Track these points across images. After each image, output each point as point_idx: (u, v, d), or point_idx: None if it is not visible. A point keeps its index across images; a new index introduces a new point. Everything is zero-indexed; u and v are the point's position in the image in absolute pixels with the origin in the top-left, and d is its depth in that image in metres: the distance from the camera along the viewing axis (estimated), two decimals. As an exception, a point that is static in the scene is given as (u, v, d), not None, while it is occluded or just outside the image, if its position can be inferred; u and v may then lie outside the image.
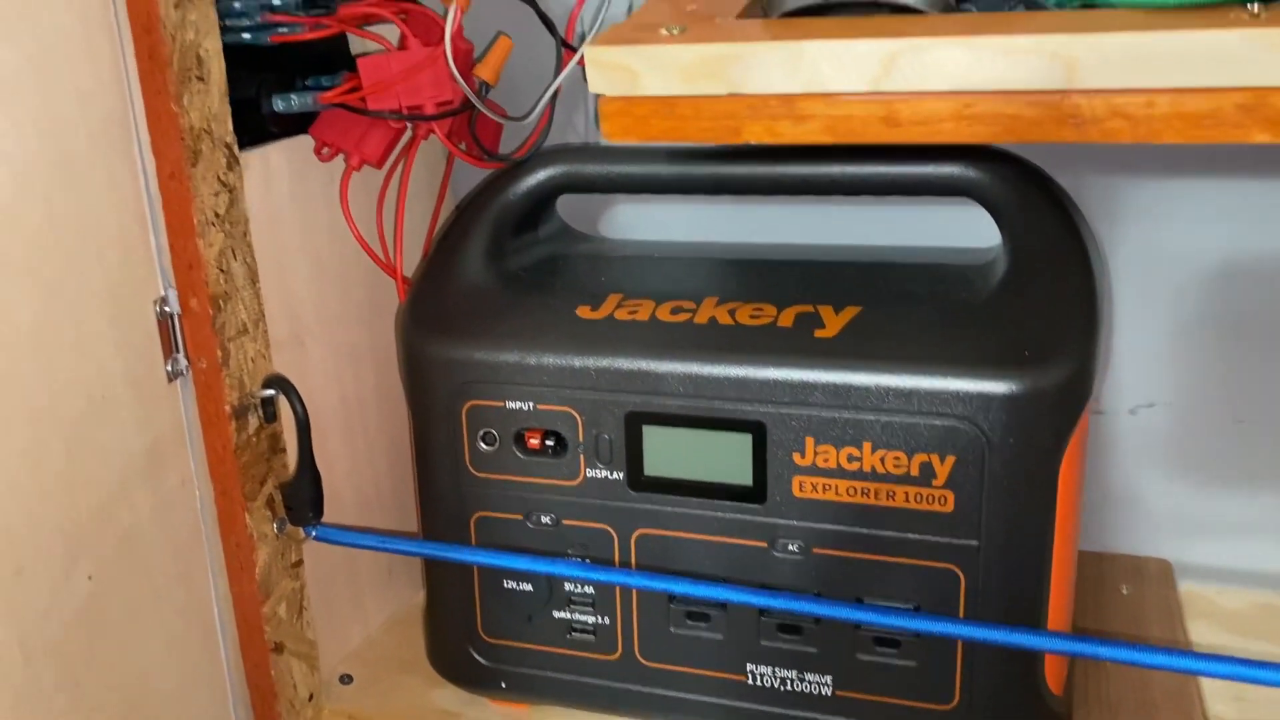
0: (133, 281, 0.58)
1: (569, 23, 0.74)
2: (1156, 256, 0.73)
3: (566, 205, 0.77)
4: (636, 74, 0.52)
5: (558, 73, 0.72)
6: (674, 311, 0.60)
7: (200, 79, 0.58)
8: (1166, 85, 0.45)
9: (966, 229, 0.67)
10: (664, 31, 0.53)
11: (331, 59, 0.69)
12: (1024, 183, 0.60)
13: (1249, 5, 0.45)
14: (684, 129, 0.53)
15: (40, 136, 0.52)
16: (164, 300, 0.59)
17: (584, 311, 0.62)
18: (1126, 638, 0.70)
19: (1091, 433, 0.75)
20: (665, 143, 0.66)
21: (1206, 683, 0.67)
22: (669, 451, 0.59)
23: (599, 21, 0.74)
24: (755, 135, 0.52)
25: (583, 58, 0.71)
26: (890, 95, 0.49)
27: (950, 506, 0.55)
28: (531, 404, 0.61)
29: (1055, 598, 0.56)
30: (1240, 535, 0.78)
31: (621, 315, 0.61)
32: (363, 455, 0.75)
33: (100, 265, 0.56)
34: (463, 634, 0.68)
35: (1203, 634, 0.73)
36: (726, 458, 0.57)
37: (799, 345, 0.56)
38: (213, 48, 0.59)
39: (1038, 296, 0.56)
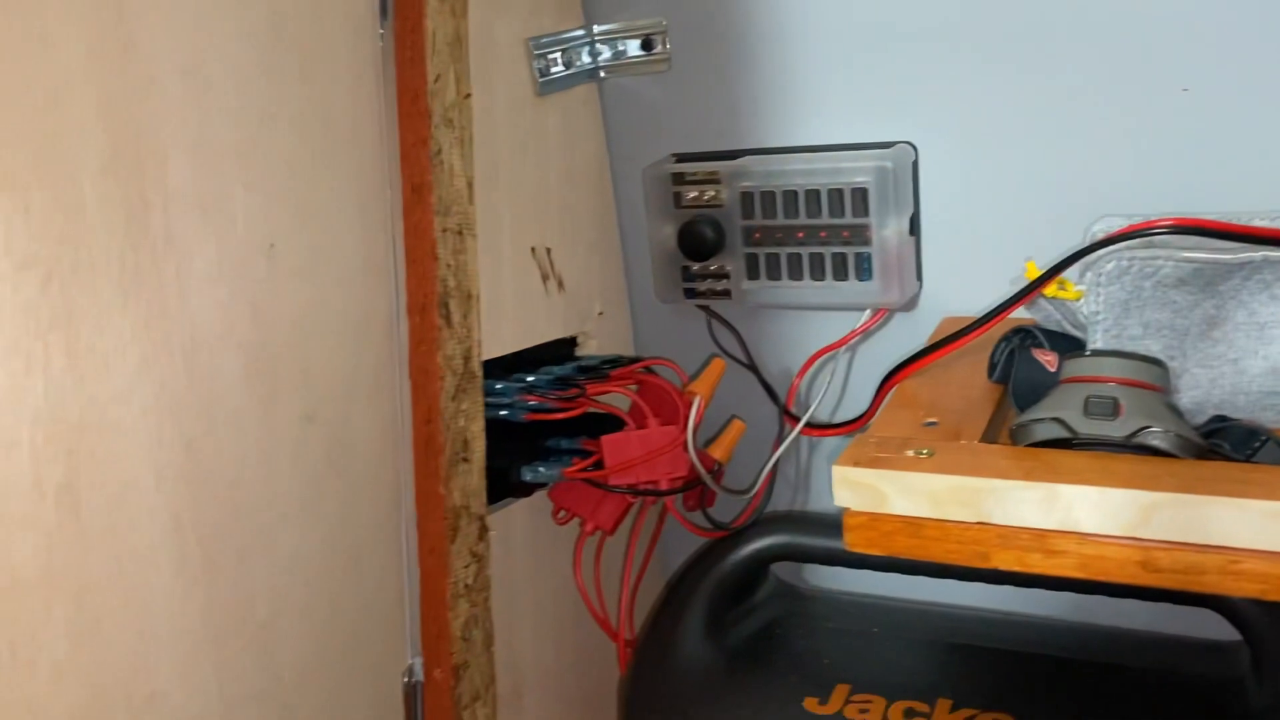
0: (387, 654, 0.61)
1: (789, 392, 0.78)
2: None
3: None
4: (885, 495, 0.54)
5: (779, 441, 0.75)
6: (908, 715, 0.60)
7: (465, 460, 0.63)
8: None
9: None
10: (911, 454, 0.55)
11: (571, 423, 0.74)
12: None
13: None
14: (929, 549, 0.54)
15: (336, 541, 0.57)
16: (410, 670, 0.62)
17: (811, 705, 0.62)
18: None
19: None
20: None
21: None
22: None
23: (823, 392, 0.78)
24: (1004, 563, 0.52)
25: (804, 429, 0.75)
26: (1149, 543, 0.49)
27: None
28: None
29: None
30: None
31: (851, 714, 0.60)
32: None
33: (367, 642, 0.59)
34: None
35: None
36: None
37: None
38: (477, 430, 0.64)
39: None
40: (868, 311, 0.75)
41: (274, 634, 0.53)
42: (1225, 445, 0.54)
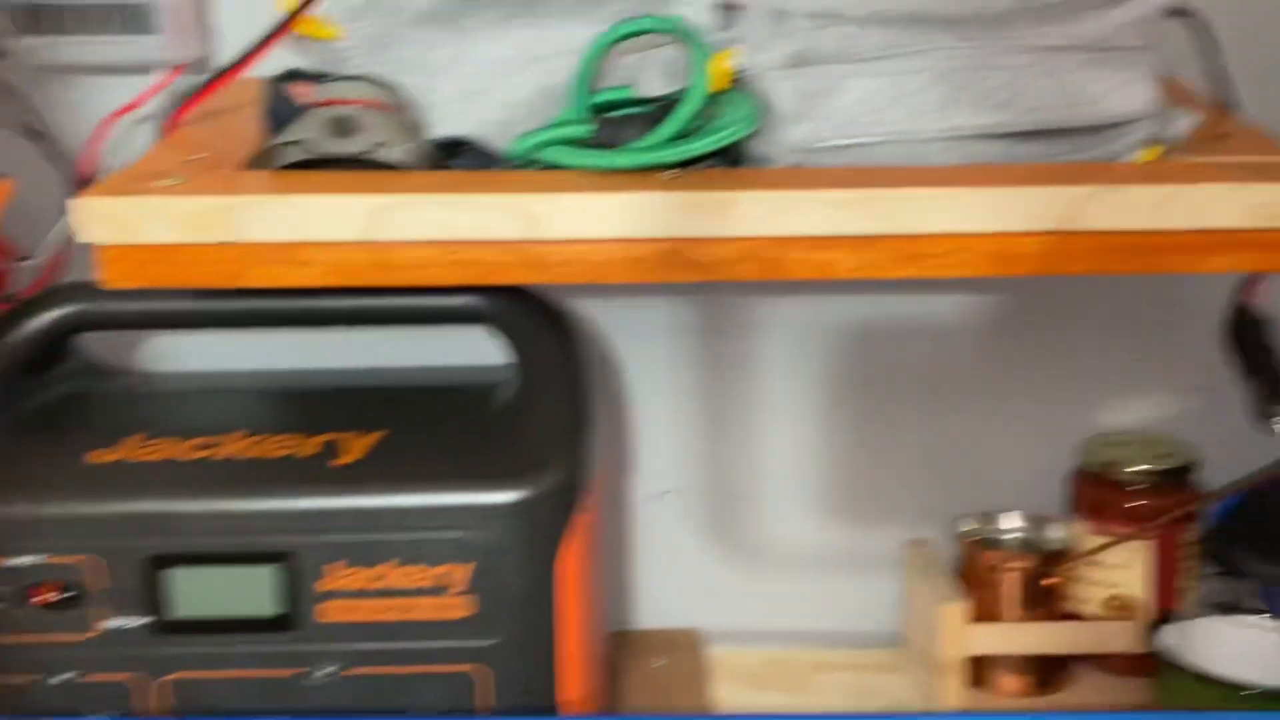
0: None
1: (86, 160, 0.73)
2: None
3: (101, 339, 0.74)
4: (135, 224, 0.53)
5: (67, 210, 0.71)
6: (195, 449, 0.61)
7: None
8: (611, 235, 0.54)
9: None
10: (164, 183, 0.54)
11: None
12: (527, 309, 0.67)
13: (665, 172, 0.55)
14: (184, 274, 0.55)
15: None
16: None
17: (96, 455, 0.60)
18: (655, 709, 0.78)
19: (620, 521, 0.85)
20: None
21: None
22: (194, 591, 0.59)
23: (118, 161, 0.74)
24: (257, 280, 0.55)
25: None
26: (384, 243, 0.54)
27: (469, 611, 0.59)
28: (42, 557, 0.58)
29: (572, 682, 0.62)
30: (754, 599, 0.89)
31: (139, 456, 0.60)
32: None
33: None
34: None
35: (729, 692, 0.82)
36: (253, 591, 0.58)
37: (316, 474, 0.59)
38: None
39: (537, 414, 0.63)
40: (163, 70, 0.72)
41: None
42: (462, 163, 0.60)
